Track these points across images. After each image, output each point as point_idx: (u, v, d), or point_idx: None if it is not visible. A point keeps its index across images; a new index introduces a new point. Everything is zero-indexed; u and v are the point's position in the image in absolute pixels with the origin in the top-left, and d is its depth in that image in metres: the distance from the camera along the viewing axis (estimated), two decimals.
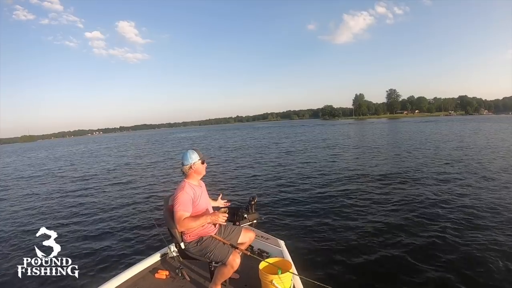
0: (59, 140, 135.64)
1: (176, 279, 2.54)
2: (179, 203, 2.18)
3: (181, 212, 2.17)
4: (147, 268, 2.71)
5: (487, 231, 4.67)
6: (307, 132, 40.84)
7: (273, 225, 5.50)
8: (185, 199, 2.20)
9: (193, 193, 2.26)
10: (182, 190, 2.23)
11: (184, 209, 2.18)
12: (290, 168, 11.70)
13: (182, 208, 2.18)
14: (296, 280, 2.26)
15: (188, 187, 2.27)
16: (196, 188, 2.33)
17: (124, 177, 12.29)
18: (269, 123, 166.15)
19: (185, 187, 2.26)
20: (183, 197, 2.20)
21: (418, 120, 65.21)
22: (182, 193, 2.21)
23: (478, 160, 11.02)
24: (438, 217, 5.39)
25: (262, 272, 2.12)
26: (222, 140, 33.58)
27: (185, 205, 2.19)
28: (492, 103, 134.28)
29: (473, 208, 5.71)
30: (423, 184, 7.90)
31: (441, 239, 4.49)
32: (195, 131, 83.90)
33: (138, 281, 2.53)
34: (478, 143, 16.69)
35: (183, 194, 2.21)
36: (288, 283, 2.11)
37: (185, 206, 2.19)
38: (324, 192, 7.62)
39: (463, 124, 40.08)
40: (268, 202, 7.03)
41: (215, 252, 2.21)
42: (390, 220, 5.42)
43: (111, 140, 61.20)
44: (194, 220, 2.16)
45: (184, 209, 2.18)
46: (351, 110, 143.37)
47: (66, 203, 8.36)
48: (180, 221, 2.14)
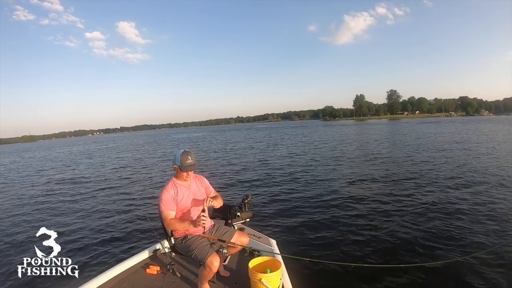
0: (60, 140, 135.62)
1: (167, 275, 2.56)
2: (162, 202, 2.30)
3: (166, 211, 2.29)
4: (139, 263, 2.73)
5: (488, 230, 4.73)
6: (307, 133, 40.78)
7: (265, 224, 5.58)
8: (166, 198, 2.31)
9: (174, 192, 2.35)
10: (164, 189, 2.35)
11: (168, 208, 2.29)
12: (284, 169, 11.76)
13: (166, 207, 2.29)
14: (285, 279, 2.29)
15: (171, 186, 2.37)
16: (180, 187, 2.40)
17: (122, 176, 12.33)
18: (269, 124, 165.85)
19: (167, 186, 2.37)
20: (164, 196, 2.31)
21: (419, 121, 64.92)
22: (164, 192, 2.33)
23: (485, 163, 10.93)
24: (440, 217, 5.44)
25: (252, 271, 2.16)
26: (220, 141, 33.58)
27: (167, 204, 2.30)
28: (492, 104, 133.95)
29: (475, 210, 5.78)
30: (422, 185, 7.94)
31: (443, 240, 4.55)
32: (194, 132, 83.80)
33: (129, 276, 2.54)
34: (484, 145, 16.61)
35: (164, 193, 2.32)
36: (277, 282, 2.15)
37: (168, 205, 2.30)
38: (317, 193, 7.69)
39: (463, 125, 40.02)
40: (261, 201, 7.12)
41: (196, 252, 2.26)
42: (384, 220, 5.48)
43: (111, 140, 61.24)
44: (179, 223, 2.27)
45: (168, 208, 2.29)
46: (352, 111, 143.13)
47: (66, 203, 8.43)
48: (167, 220, 2.28)
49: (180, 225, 2.27)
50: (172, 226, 2.29)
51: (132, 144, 41.61)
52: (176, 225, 2.28)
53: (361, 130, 41.74)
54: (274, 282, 2.13)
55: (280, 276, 2.19)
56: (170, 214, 2.30)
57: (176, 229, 2.32)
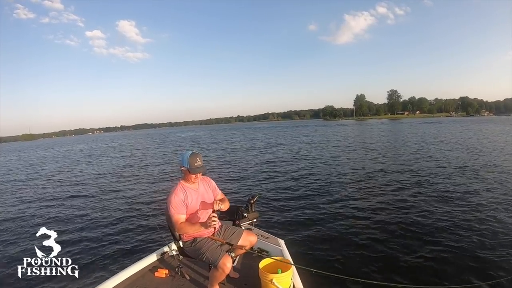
0: (60, 139, 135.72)
1: (176, 278, 2.53)
2: (171, 206, 2.23)
3: (176, 215, 2.22)
4: (147, 267, 2.71)
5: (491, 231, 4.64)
6: (308, 133, 40.76)
7: (273, 224, 5.51)
8: (176, 202, 2.24)
9: (184, 195, 2.28)
10: (173, 194, 2.27)
11: (178, 212, 2.23)
12: (291, 168, 11.69)
13: (176, 211, 2.22)
14: (296, 279, 2.27)
15: (179, 189, 2.30)
16: (189, 190, 2.33)
17: (124, 176, 12.30)
18: (270, 123, 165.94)
19: (176, 189, 2.30)
20: (174, 199, 2.24)
21: (420, 121, 64.87)
22: (172, 196, 2.25)
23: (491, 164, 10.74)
24: (446, 219, 5.35)
25: (262, 271, 2.13)
26: (222, 141, 33.54)
27: (177, 208, 2.23)
28: (493, 104, 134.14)
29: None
30: (430, 187, 7.87)
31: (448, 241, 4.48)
32: (195, 131, 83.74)
33: (137, 279, 2.53)
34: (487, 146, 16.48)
35: (173, 197, 2.25)
36: (288, 282, 2.11)
37: (178, 209, 2.23)
38: (326, 192, 7.62)
39: (467, 125, 40.00)
40: (268, 201, 7.04)
41: (207, 254, 2.21)
42: (394, 220, 5.41)
43: (112, 139, 61.21)
44: (190, 226, 2.22)
45: (178, 211, 2.23)
46: (352, 111, 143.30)
47: (66, 202, 8.37)
48: (177, 225, 2.22)
49: (191, 229, 2.22)
50: (183, 230, 2.23)
51: (133, 143, 41.51)
52: (187, 228, 2.22)
53: (363, 130, 41.68)
54: (285, 282, 2.09)
55: (290, 277, 2.16)
56: (181, 218, 2.24)
57: (187, 232, 2.26)
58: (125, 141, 47.90)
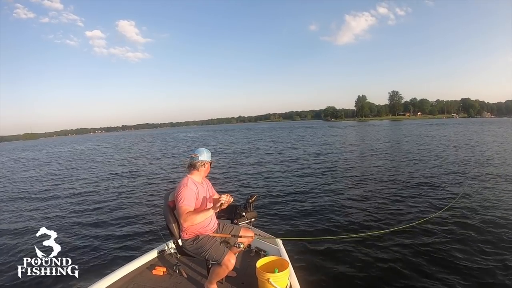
0: (61, 139, 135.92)
1: (173, 276, 2.55)
2: (183, 198, 2.19)
3: (185, 206, 2.18)
4: (145, 264, 2.73)
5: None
6: (308, 134, 40.69)
7: (271, 223, 5.54)
8: (189, 195, 2.22)
9: (196, 189, 2.30)
10: (186, 186, 2.25)
11: (188, 203, 2.20)
12: (289, 168, 11.72)
13: (186, 203, 2.19)
14: (293, 278, 2.28)
15: (191, 183, 2.31)
16: (198, 185, 2.36)
17: (123, 175, 12.33)
18: (271, 123, 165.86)
19: (188, 183, 2.29)
20: (187, 192, 2.22)
21: (422, 123, 63.98)
22: (186, 188, 2.24)
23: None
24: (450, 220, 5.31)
25: (259, 270, 2.14)
26: (223, 141, 33.56)
27: (189, 200, 2.21)
28: (495, 106, 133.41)
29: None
30: (430, 187, 7.87)
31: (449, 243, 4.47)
32: (196, 131, 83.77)
33: (135, 277, 2.54)
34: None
35: (186, 190, 2.23)
36: (285, 281, 2.13)
37: (189, 201, 2.21)
38: (323, 193, 7.64)
39: (465, 127, 39.80)
40: (266, 201, 7.08)
41: (211, 251, 2.22)
42: (392, 221, 5.41)
43: (112, 139, 61.21)
44: (198, 213, 2.19)
45: (188, 203, 2.20)
46: (354, 112, 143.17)
47: (65, 202, 8.40)
48: (184, 215, 2.15)
49: (200, 215, 2.19)
50: (191, 219, 2.15)
51: (134, 143, 41.54)
52: (196, 216, 2.17)
53: (365, 131, 41.55)
54: (282, 282, 2.10)
55: (288, 276, 2.17)
56: (189, 209, 2.21)
57: (197, 221, 2.19)
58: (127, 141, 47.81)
